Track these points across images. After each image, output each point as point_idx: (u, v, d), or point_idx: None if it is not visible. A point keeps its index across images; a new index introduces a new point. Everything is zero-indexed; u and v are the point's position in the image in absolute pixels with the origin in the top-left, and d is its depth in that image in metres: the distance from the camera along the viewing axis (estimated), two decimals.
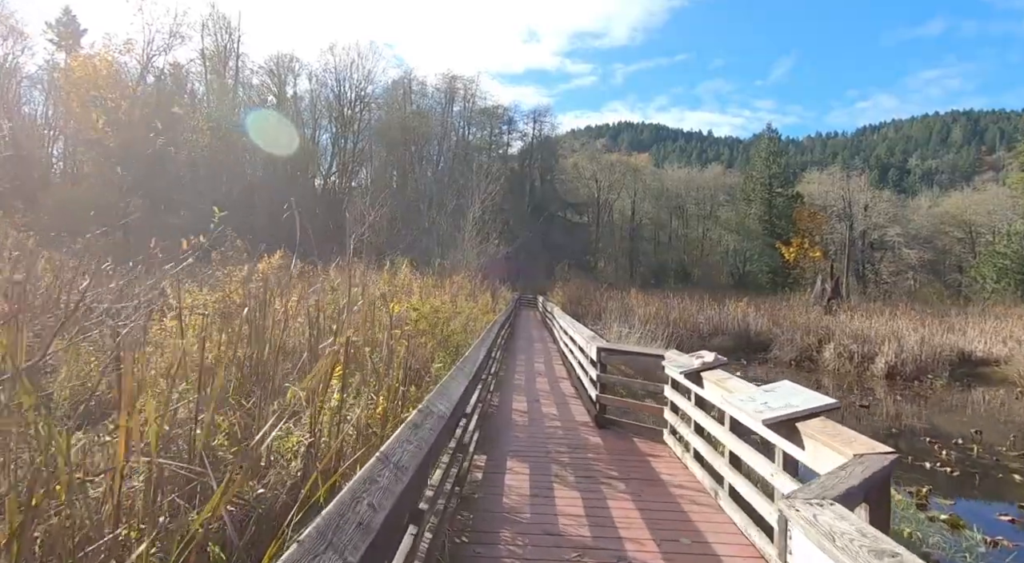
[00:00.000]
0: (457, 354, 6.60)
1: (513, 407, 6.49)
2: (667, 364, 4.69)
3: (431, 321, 6.18)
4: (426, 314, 6.11)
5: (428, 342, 5.81)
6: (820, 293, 23.63)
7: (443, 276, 15.54)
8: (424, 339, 5.84)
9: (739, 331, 18.33)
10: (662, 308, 18.99)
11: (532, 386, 8.06)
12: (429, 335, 5.91)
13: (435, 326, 6.18)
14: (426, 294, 8.66)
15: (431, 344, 6.02)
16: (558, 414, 6.24)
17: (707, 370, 3.95)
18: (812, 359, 15.27)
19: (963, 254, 58.79)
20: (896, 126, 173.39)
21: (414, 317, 5.47)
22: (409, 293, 8.26)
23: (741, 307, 20.47)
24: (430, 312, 6.35)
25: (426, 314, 6.11)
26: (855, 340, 14.25)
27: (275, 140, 40.13)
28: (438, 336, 6.26)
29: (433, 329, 6.06)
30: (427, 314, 6.16)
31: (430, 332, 5.96)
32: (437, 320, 6.43)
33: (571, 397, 7.30)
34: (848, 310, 20.01)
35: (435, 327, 6.17)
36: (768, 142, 65.35)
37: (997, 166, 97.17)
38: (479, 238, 21.12)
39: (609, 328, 15.28)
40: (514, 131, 59.79)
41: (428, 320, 6.06)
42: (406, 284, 8.91)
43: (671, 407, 4.93)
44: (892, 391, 12.37)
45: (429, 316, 6.20)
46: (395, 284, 6.22)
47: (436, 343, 6.18)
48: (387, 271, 8.05)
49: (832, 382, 13.69)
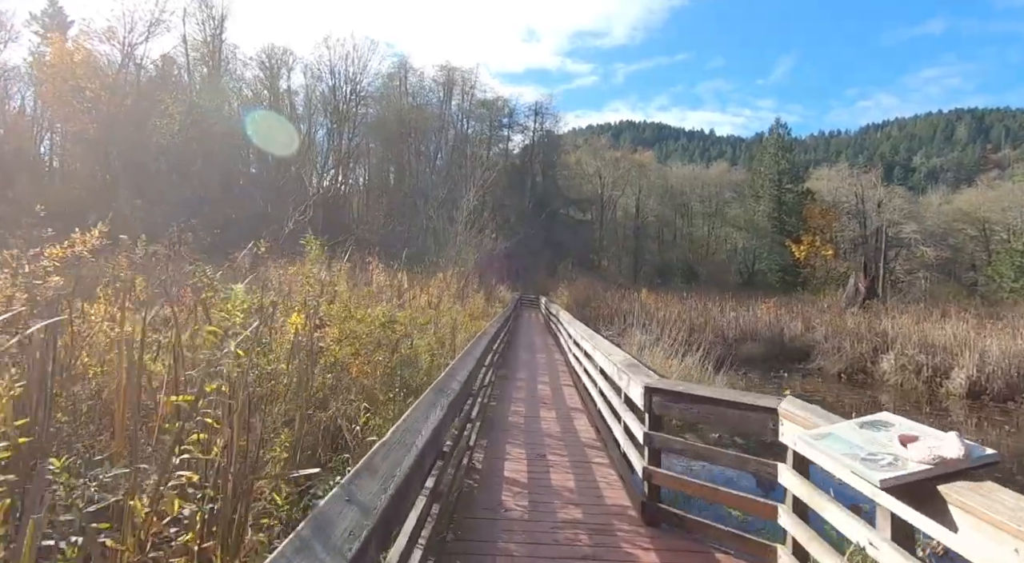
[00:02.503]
0: (429, 380, 4.28)
1: (506, 474, 4.15)
2: (797, 437, 2.35)
3: (369, 340, 3.88)
4: (364, 332, 3.81)
5: (363, 373, 3.48)
6: (853, 293, 21.26)
7: (428, 275, 13.20)
8: (357, 369, 3.51)
9: (772, 336, 15.96)
10: (683, 311, 16.57)
11: (535, 426, 5.72)
12: (367, 361, 3.58)
13: (373, 351, 3.83)
14: (390, 296, 6.33)
15: (374, 375, 3.69)
16: (576, 489, 3.90)
17: (957, 479, 1.62)
18: (866, 371, 12.89)
19: (976, 252, 57.40)
20: (899, 124, 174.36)
21: (333, 338, 3.15)
22: (369, 298, 5.96)
23: (770, 308, 18.10)
24: (373, 327, 4.04)
25: (364, 332, 3.81)
26: (921, 349, 11.85)
27: (274, 140, 38.89)
28: (386, 363, 3.94)
29: (372, 355, 3.73)
30: (366, 331, 3.86)
31: (370, 356, 3.65)
32: (382, 338, 4.11)
33: (592, 448, 4.96)
34: (888, 312, 17.64)
35: (375, 353, 3.82)
36: (777, 137, 63.68)
37: (1003, 164, 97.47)
38: (474, 231, 18.77)
39: (629, 336, 12.93)
40: (515, 125, 57.40)
41: (363, 340, 3.76)
42: (371, 286, 6.60)
43: (794, 506, 2.62)
44: (979, 414, 10.02)
45: (367, 335, 3.90)
46: (322, 282, 3.97)
47: (382, 375, 3.85)
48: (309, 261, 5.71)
49: (895, 400, 11.33)
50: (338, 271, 5.82)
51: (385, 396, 3.54)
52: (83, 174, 34.85)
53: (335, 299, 4.02)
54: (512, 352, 11.95)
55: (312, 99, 49.88)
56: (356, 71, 48.58)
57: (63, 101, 34.37)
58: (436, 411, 2.49)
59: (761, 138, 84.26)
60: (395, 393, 3.71)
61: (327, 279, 4.38)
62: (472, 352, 4.57)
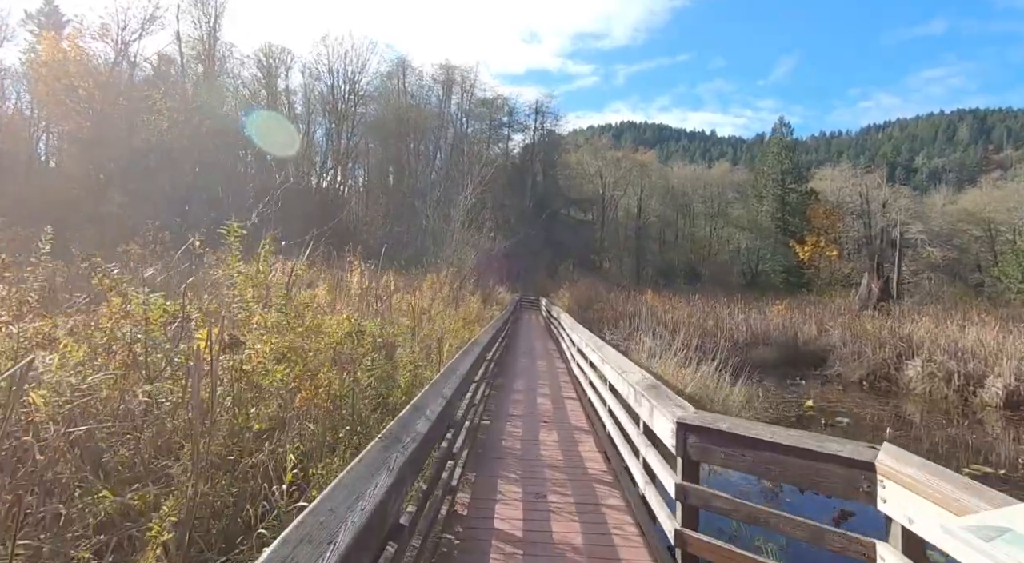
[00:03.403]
0: (409, 399, 3.46)
1: (497, 525, 3.31)
2: (948, 528, 1.51)
3: (323, 358, 3.05)
4: (316, 347, 2.98)
5: (312, 403, 2.66)
6: (866, 294, 20.39)
7: (424, 276, 12.36)
8: (303, 398, 2.68)
9: (785, 340, 15.11)
10: (692, 313, 15.68)
11: (533, 452, 4.87)
12: (315, 386, 2.76)
13: (322, 373, 3.00)
14: (369, 301, 5.49)
15: (325, 405, 2.86)
16: (584, 549, 3.06)
17: None
18: (889, 378, 12.02)
19: (982, 253, 56.85)
20: (901, 125, 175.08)
21: (264, 357, 2.33)
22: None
23: (781, 310, 17.23)
24: (335, 339, 3.21)
25: (316, 347, 2.98)
26: (951, 356, 10.99)
27: (275, 140, 38.59)
28: (341, 388, 3.10)
29: (318, 379, 2.89)
30: (318, 346, 3.03)
31: (317, 378, 2.82)
32: (348, 354, 3.28)
33: (602, 483, 4.13)
34: (905, 314, 16.79)
35: (325, 375, 2.99)
36: (781, 136, 63.19)
37: (1005, 164, 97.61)
38: (472, 229, 17.90)
39: (636, 341, 12.08)
40: (515, 123, 56.52)
41: (313, 358, 2.94)
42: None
43: None
44: (1018, 427, 9.17)
45: (321, 351, 3.07)
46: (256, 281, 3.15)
47: (352, 400, 3.02)
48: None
49: (922, 411, 10.48)
50: (298, 271, 4.96)
51: (334, 437, 2.71)
52: (78, 173, 34.26)
53: (284, 306, 3.20)
54: (510, 358, 11.13)
55: (311, 99, 49.27)
56: (355, 70, 47.92)
57: (57, 100, 33.76)
58: (381, 477, 1.66)
59: (762, 139, 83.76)
60: (354, 427, 2.88)
61: (278, 280, 3.56)
62: (456, 369, 3.74)
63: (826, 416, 9.04)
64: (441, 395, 2.83)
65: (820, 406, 9.84)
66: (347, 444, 2.70)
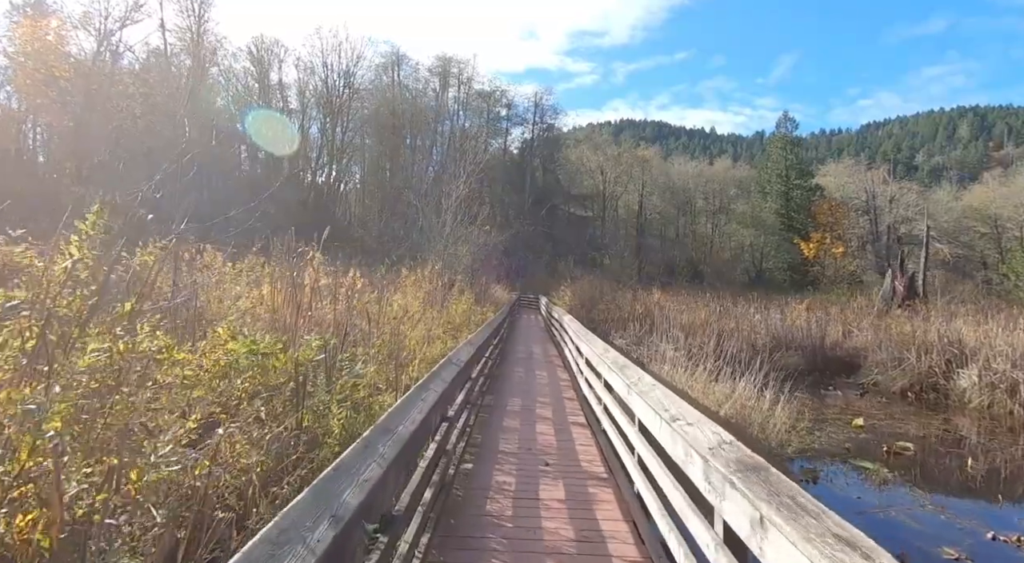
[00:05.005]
0: (343, 449, 1.98)
1: None
2: None
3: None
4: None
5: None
6: (891, 293, 18.92)
7: (410, 273, 10.84)
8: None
9: (810, 344, 13.62)
10: (709, 314, 14.10)
11: (531, 528, 3.35)
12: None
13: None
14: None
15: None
16: None
17: None
18: (937, 389, 10.54)
19: (988, 250, 55.79)
20: (901, 122, 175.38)
21: None
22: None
23: (801, 310, 15.73)
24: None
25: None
26: (1014, 364, 9.49)
27: (272, 138, 37.57)
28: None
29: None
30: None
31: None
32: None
33: (620, 540, 2.63)
34: (938, 313, 15.29)
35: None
36: (784, 132, 61.88)
37: (1006, 162, 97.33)
38: (466, 222, 16.37)
39: (649, 345, 10.54)
40: (514, 117, 54.94)
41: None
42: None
43: None
44: None
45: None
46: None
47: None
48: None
49: (979, 428, 9.00)
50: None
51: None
52: (63, 165, 32.92)
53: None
54: (505, 367, 9.63)
55: (305, 93, 47.71)
56: (350, 63, 46.30)
57: (37, 91, 32.40)
58: None
59: (762, 137, 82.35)
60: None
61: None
62: (396, 426, 2.22)
63: (883, 439, 7.56)
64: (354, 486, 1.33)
65: (870, 424, 8.36)
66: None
